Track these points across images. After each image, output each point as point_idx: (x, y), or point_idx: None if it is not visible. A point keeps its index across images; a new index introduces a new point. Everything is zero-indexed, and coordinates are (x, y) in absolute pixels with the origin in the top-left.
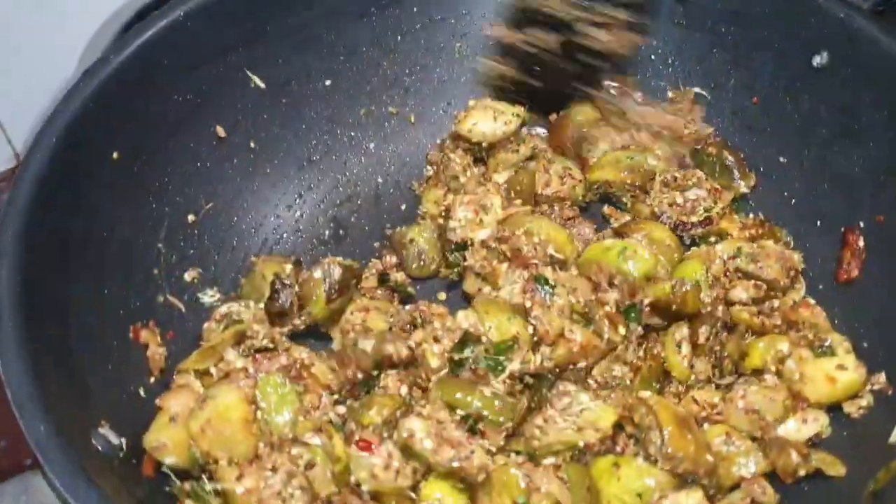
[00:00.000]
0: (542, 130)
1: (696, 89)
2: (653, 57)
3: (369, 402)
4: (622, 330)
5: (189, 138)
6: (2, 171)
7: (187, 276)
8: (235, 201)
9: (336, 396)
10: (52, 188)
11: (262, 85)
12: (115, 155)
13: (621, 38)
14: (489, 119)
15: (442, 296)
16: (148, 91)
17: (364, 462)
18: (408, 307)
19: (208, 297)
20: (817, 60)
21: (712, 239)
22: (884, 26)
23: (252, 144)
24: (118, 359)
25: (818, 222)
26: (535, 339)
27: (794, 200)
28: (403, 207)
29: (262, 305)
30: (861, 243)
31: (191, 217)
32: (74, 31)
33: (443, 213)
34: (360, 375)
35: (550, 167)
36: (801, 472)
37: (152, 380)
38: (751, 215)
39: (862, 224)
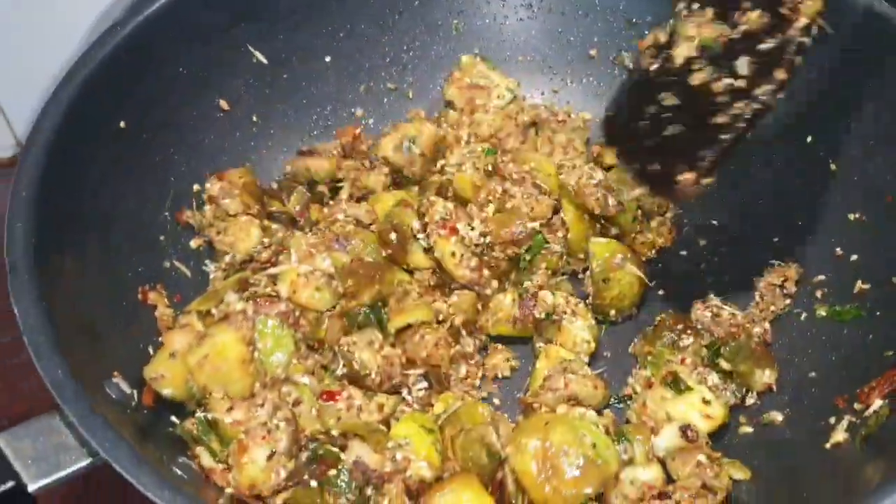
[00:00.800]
0: (537, 101)
1: None
2: (647, 32)
3: None
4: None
5: (194, 110)
6: (3, 158)
7: (193, 244)
8: None
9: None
10: (61, 153)
11: (264, 60)
12: (122, 124)
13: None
14: None
15: None
16: (154, 63)
17: (331, 410)
18: None
19: (212, 268)
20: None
21: None
22: None
23: (254, 118)
24: (128, 318)
25: (812, 198)
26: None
27: (783, 169)
28: None
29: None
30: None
31: (195, 187)
32: (76, 21)
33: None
34: None
35: (554, 137)
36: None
37: (161, 339)
38: None
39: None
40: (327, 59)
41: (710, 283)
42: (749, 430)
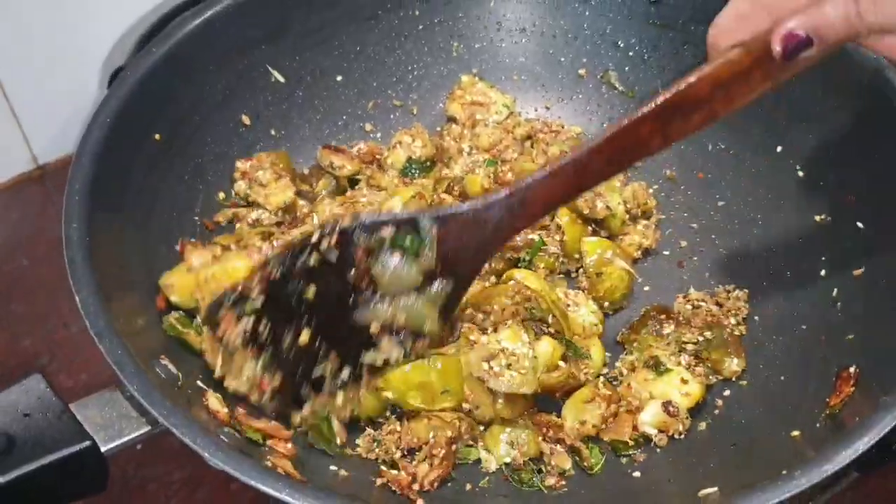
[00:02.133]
0: (531, 116)
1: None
2: (631, 54)
3: None
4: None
5: (219, 125)
6: (21, 173)
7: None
8: None
9: None
10: (106, 164)
11: (282, 79)
12: (157, 136)
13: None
14: None
15: None
16: (184, 81)
17: None
18: None
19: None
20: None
21: None
22: None
23: (273, 132)
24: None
25: (782, 202)
26: None
27: (755, 176)
28: None
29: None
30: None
31: (221, 194)
32: (95, 44)
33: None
34: None
35: (548, 149)
36: None
37: None
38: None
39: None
40: (339, 78)
41: (691, 280)
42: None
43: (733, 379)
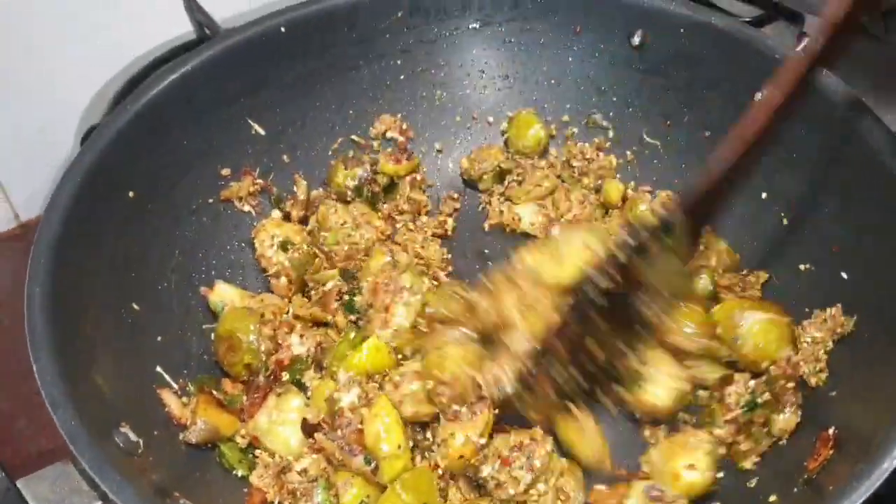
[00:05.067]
0: None
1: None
2: (615, 99)
3: None
4: None
5: (197, 178)
6: (2, 231)
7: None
8: None
9: None
10: (75, 224)
11: (262, 131)
12: (131, 194)
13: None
14: None
15: None
16: (161, 136)
17: None
18: None
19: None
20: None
21: None
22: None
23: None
24: (138, 378)
25: (767, 249)
26: None
27: (740, 222)
28: None
29: None
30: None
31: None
32: (73, 101)
33: None
34: None
35: (570, 195)
36: None
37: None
38: None
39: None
40: (321, 128)
41: None
42: None
43: None
